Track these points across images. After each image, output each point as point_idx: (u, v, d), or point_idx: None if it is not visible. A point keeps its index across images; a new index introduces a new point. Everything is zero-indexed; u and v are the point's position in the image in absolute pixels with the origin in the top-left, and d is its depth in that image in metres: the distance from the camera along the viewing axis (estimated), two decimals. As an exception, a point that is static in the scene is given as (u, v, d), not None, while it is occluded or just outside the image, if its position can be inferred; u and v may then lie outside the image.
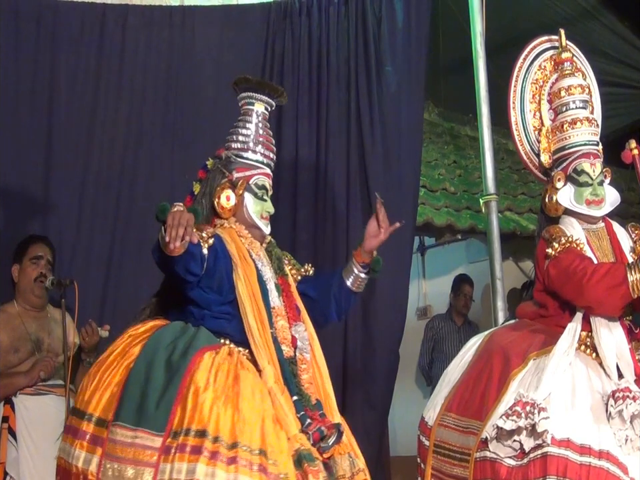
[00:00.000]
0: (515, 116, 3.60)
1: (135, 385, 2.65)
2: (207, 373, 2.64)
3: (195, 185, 2.99)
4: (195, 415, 2.56)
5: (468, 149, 7.17)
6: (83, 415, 2.70)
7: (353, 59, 4.64)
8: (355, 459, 2.80)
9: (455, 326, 6.63)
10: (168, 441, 2.54)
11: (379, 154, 4.63)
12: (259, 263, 2.90)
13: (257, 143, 2.99)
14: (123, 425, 2.59)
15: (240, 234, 2.93)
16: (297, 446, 2.62)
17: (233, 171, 2.97)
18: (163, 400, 2.60)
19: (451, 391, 3.28)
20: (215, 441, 2.51)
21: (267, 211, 2.99)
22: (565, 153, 3.41)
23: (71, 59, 4.28)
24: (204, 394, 2.58)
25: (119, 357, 2.77)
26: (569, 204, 3.36)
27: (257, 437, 2.55)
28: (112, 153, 4.29)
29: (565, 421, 2.96)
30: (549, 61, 3.63)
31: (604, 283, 3.06)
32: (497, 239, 4.43)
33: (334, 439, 2.72)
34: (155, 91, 4.44)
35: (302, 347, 2.87)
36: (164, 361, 2.68)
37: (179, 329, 2.80)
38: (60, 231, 4.14)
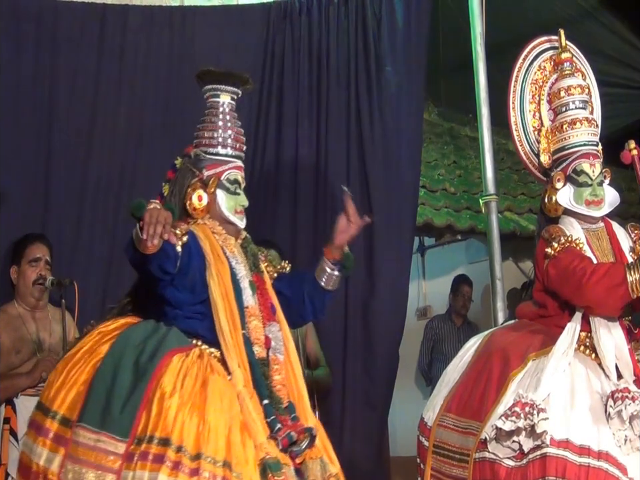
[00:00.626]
0: (514, 116, 3.61)
1: (101, 385, 2.58)
2: (175, 377, 2.57)
3: (164, 185, 2.94)
4: (160, 421, 2.49)
5: (468, 149, 7.17)
6: (48, 412, 2.63)
7: (352, 59, 4.65)
8: (327, 464, 2.73)
9: (454, 326, 6.64)
10: (131, 448, 2.49)
11: (379, 154, 4.64)
12: (232, 261, 2.82)
13: (225, 137, 2.91)
14: (86, 426, 2.53)
15: (214, 230, 2.85)
16: (262, 455, 2.54)
17: (203, 169, 2.89)
18: (129, 404, 2.53)
19: (450, 391, 3.29)
20: (178, 451, 2.45)
21: (240, 204, 2.91)
22: (564, 154, 3.42)
23: (71, 60, 4.30)
24: (170, 400, 2.52)
25: (86, 354, 2.69)
26: (568, 204, 3.37)
27: (222, 446, 2.49)
28: (112, 153, 4.30)
29: (564, 422, 2.97)
30: (548, 62, 3.64)
31: (603, 283, 3.07)
32: (496, 239, 4.44)
33: (306, 443, 2.66)
34: (155, 91, 4.45)
35: (275, 347, 2.80)
36: (132, 362, 2.61)
37: (150, 328, 2.72)
38: (60, 230, 4.14)
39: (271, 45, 4.60)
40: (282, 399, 2.75)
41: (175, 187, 2.90)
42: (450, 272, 7.23)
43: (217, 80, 2.96)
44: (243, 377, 2.65)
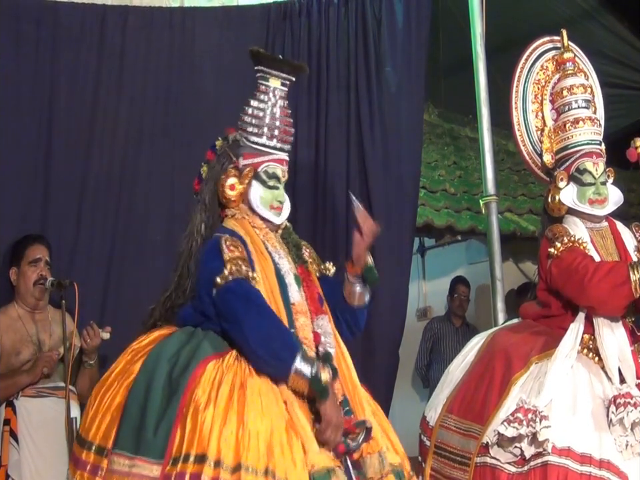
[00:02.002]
0: (517, 116, 3.61)
1: (134, 406, 2.48)
2: (209, 386, 2.44)
3: (203, 167, 2.80)
4: (195, 437, 2.37)
5: (468, 149, 7.18)
6: (84, 443, 2.54)
7: (352, 60, 4.65)
8: (385, 457, 2.60)
9: (453, 327, 6.64)
10: (167, 469, 2.38)
11: (379, 155, 4.64)
12: (275, 256, 2.69)
13: (271, 127, 2.74)
14: (121, 452, 2.44)
15: (254, 224, 2.72)
16: (308, 467, 2.41)
17: (240, 156, 2.74)
18: (162, 423, 2.42)
19: (453, 391, 3.29)
20: (216, 466, 2.33)
21: (277, 200, 2.75)
22: (567, 153, 3.42)
23: (71, 60, 4.29)
24: (204, 412, 2.39)
25: (119, 376, 2.59)
26: (571, 203, 3.37)
27: (263, 452, 2.35)
28: (112, 153, 4.29)
29: (566, 429, 2.97)
30: (551, 62, 3.64)
31: (606, 282, 3.07)
32: (496, 240, 4.44)
33: (362, 437, 2.53)
34: (155, 92, 4.44)
35: (325, 342, 2.65)
36: (164, 377, 2.49)
37: (184, 337, 2.59)
38: (59, 231, 4.14)
39: (271, 46, 4.59)
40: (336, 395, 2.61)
41: (212, 171, 2.76)
42: (450, 273, 7.23)
43: (269, 63, 2.82)
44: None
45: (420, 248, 7.75)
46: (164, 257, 4.18)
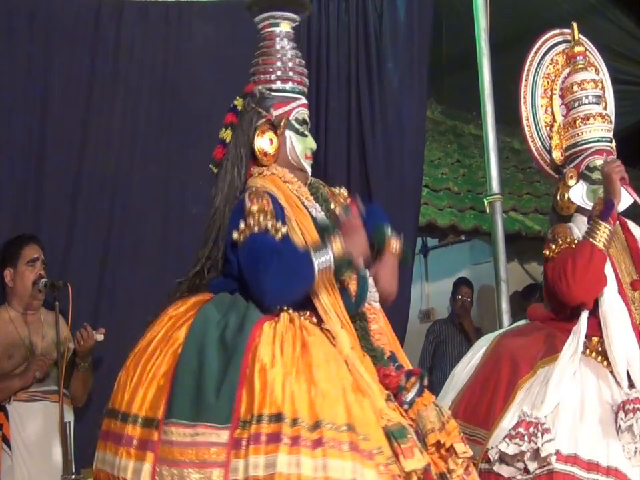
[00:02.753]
0: (525, 111, 3.59)
1: (187, 373, 2.33)
2: (271, 345, 2.32)
3: (224, 131, 2.68)
4: (266, 396, 2.23)
5: (472, 147, 7.17)
6: (126, 417, 2.35)
7: (353, 55, 4.64)
8: (441, 406, 2.52)
9: (456, 330, 6.62)
10: (237, 433, 2.23)
11: (380, 153, 4.62)
12: (312, 210, 2.61)
13: (288, 70, 2.68)
14: (178, 421, 2.27)
15: (285, 179, 2.62)
16: (383, 422, 2.30)
17: (271, 108, 2.65)
18: (224, 386, 2.28)
19: (458, 395, 3.28)
20: (293, 424, 2.19)
21: (309, 148, 2.69)
22: (577, 150, 3.40)
23: (65, 56, 4.27)
24: (272, 370, 2.26)
25: (161, 343, 2.42)
26: (581, 202, 3.35)
27: (342, 410, 2.24)
28: (106, 152, 4.28)
29: (572, 436, 2.95)
30: (561, 55, 3.62)
31: (586, 269, 3.06)
32: (501, 239, 4.43)
33: (416, 388, 2.47)
34: (150, 88, 4.43)
35: (370, 296, 2.59)
36: (217, 340, 2.36)
37: (228, 301, 2.48)
38: (52, 231, 4.12)
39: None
40: (384, 349, 2.55)
41: (240, 132, 2.65)
42: (453, 273, 7.22)
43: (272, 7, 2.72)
44: (349, 338, 2.43)
45: (423, 248, 7.75)
46: (159, 258, 4.18)
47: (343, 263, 2.43)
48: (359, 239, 2.51)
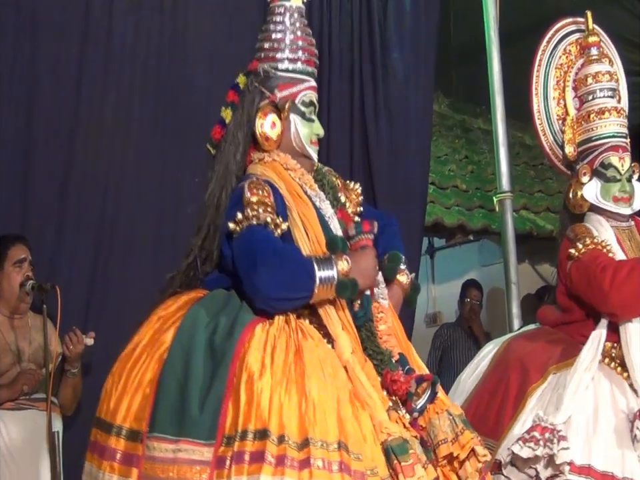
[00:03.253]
0: (537, 103, 3.59)
1: (172, 381, 2.27)
2: (262, 352, 2.24)
3: (225, 110, 2.61)
4: (252, 410, 2.16)
5: (481, 143, 7.16)
6: (110, 428, 2.30)
7: (356, 46, 4.64)
8: (455, 417, 2.45)
9: (464, 335, 6.62)
10: (221, 450, 2.16)
11: (384, 149, 4.63)
12: (316, 199, 2.53)
13: (298, 48, 2.59)
14: (160, 436, 2.21)
15: (287, 166, 2.55)
16: (383, 437, 2.23)
17: (275, 89, 2.57)
18: (210, 397, 2.21)
19: (464, 403, 3.27)
20: (280, 441, 2.12)
21: (315, 133, 2.61)
22: (591, 145, 3.40)
23: (53, 47, 4.26)
24: (260, 381, 2.18)
25: (148, 347, 2.36)
26: (595, 200, 3.35)
27: (333, 424, 2.16)
28: (97, 147, 4.27)
29: (586, 446, 2.95)
30: (574, 45, 3.62)
31: (629, 283, 3.04)
32: (511, 240, 4.44)
33: (427, 395, 2.40)
34: (144, 81, 4.43)
35: (378, 293, 2.53)
36: (204, 345, 2.29)
37: (221, 299, 2.41)
38: (40, 232, 4.11)
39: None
40: (392, 351, 2.47)
41: (241, 114, 2.57)
42: (461, 275, 7.22)
43: None
44: (350, 342, 2.35)
45: (429, 249, 7.74)
46: (153, 259, 4.17)
47: (346, 285, 2.34)
48: (368, 267, 2.44)
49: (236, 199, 2.45)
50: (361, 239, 2.49)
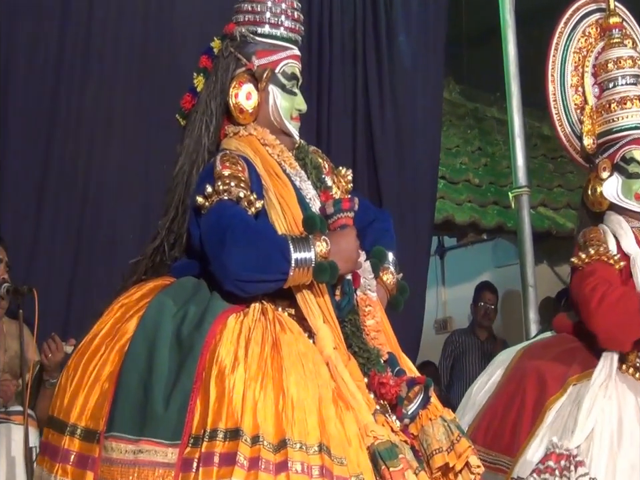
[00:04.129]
0: (553, 91, 3.58)
1: (133, 375, 2.22)
2: (235, 344, 2.20)
3: (197, 77, 2.56)
4: (223, 408, 2.11)
5: (495, 133, 7.17)
6: (64, 427, 2.25)
7: (359, 29, 4.65)
8: (450, 423, 2.41)
9: (477, 341, 6.62)
10: (187, 452, 2.12)
11: (390, 140, 4.64)
12: (296, 179, 2.48)
13: (289, 14, 2.54)
14: (120, 435, 2.16)
15: (265, 142, 2.49)
16: (369, 441, 2.17)
17: (253, 55, 2.51)
18: (175, 393, 2.17)
19: (476, 417, 3.28)
20: (254, 442, 2.07)
21: (297, 108, 2.56)
22: (612, 138, 3.40)
23: (30, 28, 4.28)
24: (232, 375, 2.14)
25: (107, 338, 2.31)
26: (615, 198, 3.35)
27: (314, 425, 2.11)
28: (77, 139, 4.28)
29: (611, 463, 2.96)
30: (594, 26, 3.61)
31: (614, 312, 3.07)
32: (528, 239, 4.44)
33: (419, 401, 2.35)
34: (127, 66, 4.43)
35: (365, 284, 2.47)
36: (171, 336, 2.24)
37: (191, 287, 2.36)
38: (16, 231, 4.13)
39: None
40: (380, 350, 2.42)
41: (214, 81, 2.52)
42: (474, 277, 7.23)
43: None
44: (332, 336, 2.30)
45: (439, 249, 7.76)
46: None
47: (325, 268, 2.29)
48: (348, 248, 2.37)
49: (206, 172, 2.42)
50: (340, 217, 2.41)
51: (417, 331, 4.59)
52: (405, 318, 4.57)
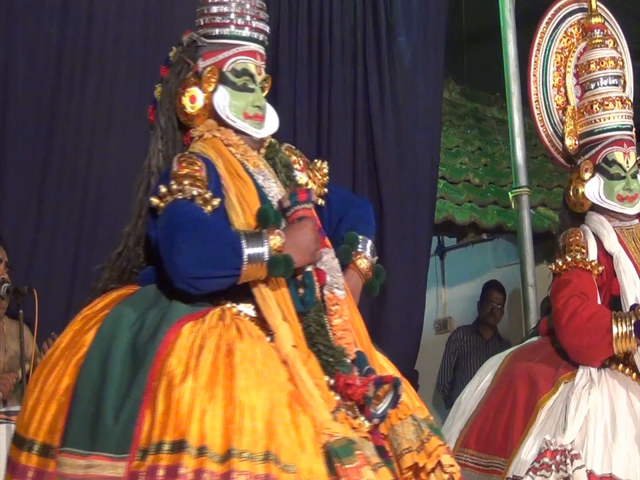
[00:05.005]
0: (535, 91, 3.60)
1: (87, 388, 2.20)
2: (187, 353, 2.18)
3: (157, 87, 2.57)
4: (169, 419, 2.09)
5: (495, 133, 7.17)
6: (23, 443, 2.24)
7: (359, 29, 4.66)
8: (421, 422, 2.35)
9: (482, 340, 6.61)
10: (134, 465, 2.10)
11: (391, 140, 4.64)
12: (258, 177, 2.45)
13: (239, 11, 2.51)
14: (71, 450, 2.15)
15: (228, 142, 2.49)
16: (324, 439, 2.14)
17: (199, 58, 2.50)
18: (125, 405, 2.15)
19: (467, 423, 3.29)
20: (200, 454, 2.05)
21: (254, 105, 2.50)
22: (593, 139, 3.41)
23: (30, 26, 4.28)
24: (181, 386, 2.12)
25: (66, 350, 2.29)
26: (597, 199, 3.36)
27: (261, 432, 2.08)
28: (77, 139, 4.29)
29: (606, 455, 2.97)
30: (576, 26, 3.62)
31: (583, 331, 3.09)
32: (528, 239, 4.45)
33: (388, 400, 2.29)
34: (128, 64, 4.44)
35: (332, 282, 2.42)
36: (126, 348, 2.22)
37: (152, 295, 2.34)
38: (16, 230, 4.13)
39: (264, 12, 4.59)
40: (345, 349, 2.37)
41: (165, 88, 2.53)
42: (474, 277, 7.22)
43: None
44: (291, 334, 2.27)
45: (439, 249, 7.75)
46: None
47: (279, 262, 2.27)
48: (305, 239, 2.35)
49: (164, 174, 2.43)
50: (297, 209, 2.38)
51: (416, 331, 4.59)
52: (405, 318, 4.59)
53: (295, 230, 2.35)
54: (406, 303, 4.59)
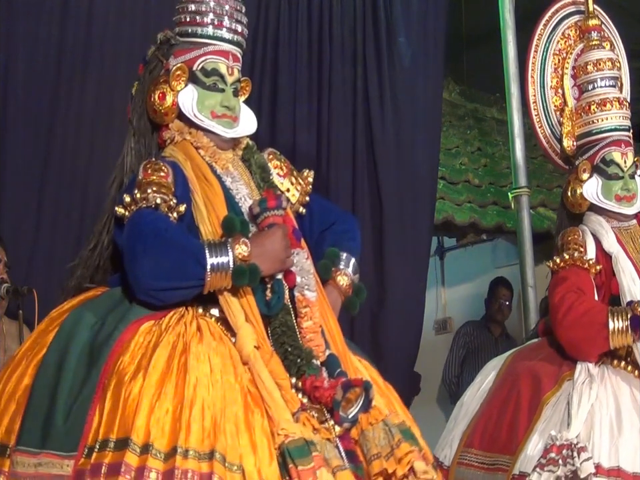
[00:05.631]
0: (533, 93, 3.63)
1: (43, 388, 2.22)
2: (140, 351, 2.19)
3: (134, 85, 2.60)
4: (116, 417, 2.10)
5: (495, 134, 7.17)
6: None
7: (359, 29, 4.65)
8: (391, 426, 2.29)
9: (491, 337, 6.61)
10: (80, 463, 2.11)
11: (390, 140, 4.64)
12: (227, 179, 2.47)
13: (217, 11, 2.50)
14: (24, 449, 2.17)
15: (198, 144, 2.50)
16: (280, 440, 2.11)
17: (171, 56, 2.52)
18: (76, 404, 2.16)
19: (470, 424, 3.29)
20: (143, 451, 2.05)
21: (222, 105, 2.50)
22: (591, 139, 3.43)
23: (30, 28, 4.28)
24: (130, 384, 2.12)
25: (28, 351, 2.32)
26: (595, 199, 3.38)
27: (209, 429, 2.08)
28: (78, 139, 4.28)
29: (613, 448, 2.98)
30: (573, 28, 3.65)
31: (579, 326, 3.10)
32: (528, 239, 4.45)
33: (360, 403, 2.25)
34: (129, 64, 4.41)
35: (303, 283, 2.40)
36: (83, 346, 2.23)
37: (117, 297, 2.35)
38: (16, 230, 4.12)
39: (264, 11, 4.59)
40: (313, 351, 2.34)
41: (139, 86, 2.57)
42: (473, 278, 7.23)
43: None
44: (254, 334, 2.26)
45: (438, 249, 7.75)
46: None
47: (244, 272, 2.26)
48: (274, 248, 2.34)
49: (130, 182, 2.44)
50: (267, 216, 2.38)
51: (416, 331, 4.59)
52: (404, 318, 4.58)
53: (263, 238, 2.34)
54: (406, 303, 4.59)
